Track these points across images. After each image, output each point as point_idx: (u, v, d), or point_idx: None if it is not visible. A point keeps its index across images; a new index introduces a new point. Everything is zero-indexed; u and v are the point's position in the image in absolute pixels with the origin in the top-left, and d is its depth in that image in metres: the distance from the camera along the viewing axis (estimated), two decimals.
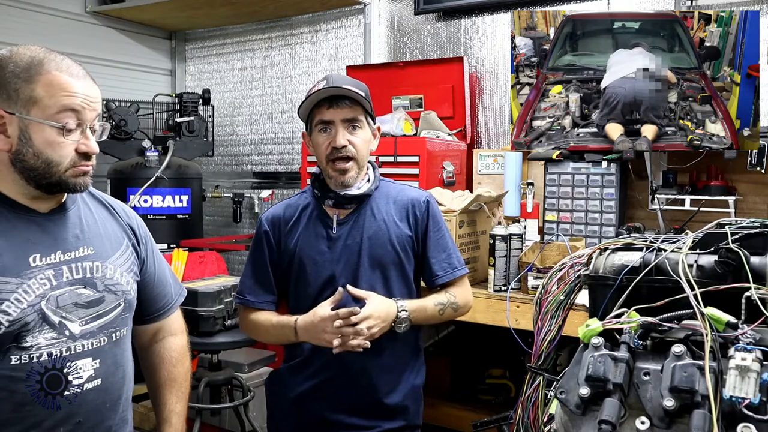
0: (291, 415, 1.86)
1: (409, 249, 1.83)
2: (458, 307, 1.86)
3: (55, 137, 1.27)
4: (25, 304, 1.26)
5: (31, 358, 1.26)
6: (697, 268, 1.12)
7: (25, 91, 1.25)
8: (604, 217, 2.70)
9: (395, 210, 1.83)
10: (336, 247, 1.79)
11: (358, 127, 1.76)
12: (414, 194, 1.87)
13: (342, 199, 1.79)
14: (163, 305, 1.60)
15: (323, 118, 1.74)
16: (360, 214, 1.81)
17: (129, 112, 3.77)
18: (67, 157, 1.29)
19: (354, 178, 1.77)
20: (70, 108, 1.27)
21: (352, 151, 1.74)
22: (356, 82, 1.78)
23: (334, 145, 1.73)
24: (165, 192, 3.67)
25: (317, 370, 1.80)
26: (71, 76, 1.28)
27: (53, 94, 1.26)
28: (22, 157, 1.27)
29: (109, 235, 1.45)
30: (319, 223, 1.82)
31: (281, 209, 1.88)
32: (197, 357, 3.14)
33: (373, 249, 1.77)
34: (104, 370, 1.36)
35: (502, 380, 3.21)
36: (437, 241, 1.85)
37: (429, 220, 1.84)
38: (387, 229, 1.80)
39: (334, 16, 3.97)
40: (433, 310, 1.80)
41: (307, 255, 1.80)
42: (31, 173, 1.28)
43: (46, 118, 1.26)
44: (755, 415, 0.89)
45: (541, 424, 1.28)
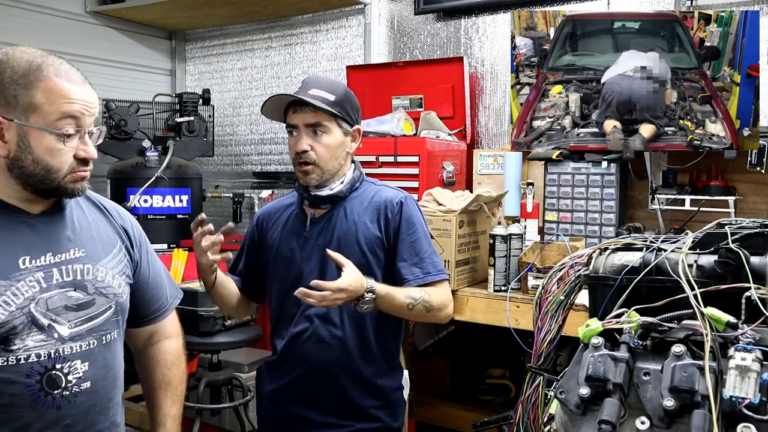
0: (270, 410, 1.90)
1: (379, 250, 1.81)
2: (431, 307, 1.78)
3: (55, 144, 1.26)
4: (13, 306, 1.25)
5: (19, 359, 1.25)
6: (697, 268, 1.12)
7: (24, 97, 1.24)
8: (604, 217, 2.70)
9: (368, 211, 1.82)
10: (307, 246, 1.82)
11: (322, 132, 1.76)
12: (389, 194, 1.85)
13: (314, 199, 1.83)
14: (157, 308, 1.59)
15: (289, 121, 1.79)
16: (333, 214, 1.83)
17: (129, 112, 3.77)
18: (66, 163, 1.28)
19: (317, 180, 1.79)
20: (70, 115, 1.26)
21: (312, 157, 1.76)
22: (331, 85, 1.79)
23: (295, 149, 1.77)
24: (165, 192, 3.66)
25: (289, 368, 1.83)
26: (70, 81, 1.27)
27: (53, 101, 1.25)
28: (20, 163, 1.26)
29: (102, 238, 1.44)
30: (298, 221, 1.87)
31: (272, 205, 1.97)
32: (197, 357, 3.14)
33: (341, 249, 1.77)
34: (94, 373, 1.35)
35: (502, 380, 3.21)
36: (410, 244, 1.80)
37: (401, 222, 1.80)
38: (356, 230, 1.80)
39: (334, 16, 3.97)
40: (401, 301, 1.74)
41: (282, 251, 1.86)
42: (30, 179, 1.27)
43: (46, 125, 1.25)
44: (755, 415, 0.89)
45: (541, 424, 1.28)
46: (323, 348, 1.79)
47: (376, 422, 1.84)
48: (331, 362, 1.78)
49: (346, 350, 1.79)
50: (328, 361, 1.78)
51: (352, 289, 1.64)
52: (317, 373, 1.80)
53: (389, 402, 1.87)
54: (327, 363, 1.79)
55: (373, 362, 1.83)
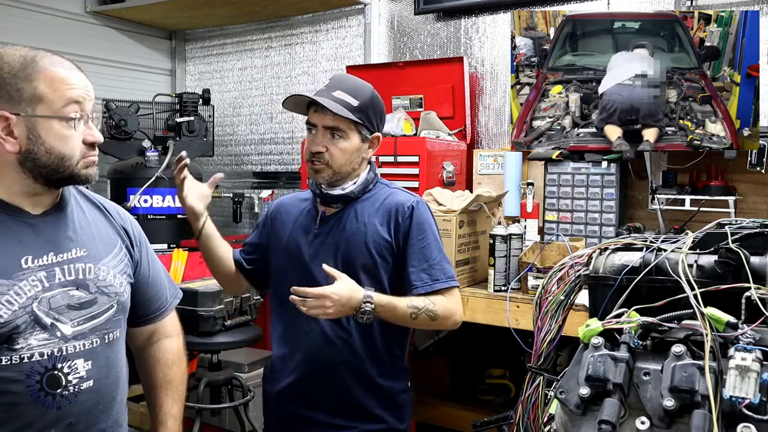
0: (275, 411, 1.89)
1: (387, 254, 1.78)
2: (436, 316, 1.73)
3: (65, 131, 1.28)
4: (16, 305, 1.25)
5: (22, 358, 1.26)
6: (697, 268, 1.12)
7: (27, 89, 1.25)
8: (604, 217, 2.70)
9: (379, 213, 1.80)
10: (315, 244, 1.81)
11: (340, 136, 1.75)
12: (401, 198, 1.82)
13: (326, 197, 1.82)
14: (157, 307, 1.59)
15: (309, 119, 1.78)
16: (344, 214, 1.82)
17: (129, 112, 3.77)
18: (77, 149, 1.30)
19: (327, 180, 1.78)
20: (74, 100, 1.29)
21: (326, 159, 1.75)
22: (357, 89, 1.78)
23: (311, 149, 1.77)
24: (165, 192, 3.66)
25: (293, 368, 1.82)
26: (65, 69, 1.30)
27: (57, 89, 1.27)
28: (33, 156, 1.27)
29: (102, 237, 1.44)
30: (310, 218, 1.86)
31: (289, 198, 1.98)
32: (197, 357, 3.14)
33: (348, 250, 1.76)
34: (96, 371, 1.35)
35: (502, 380, 3.21)
36: (419, 250, 1.77)
37: (412, 227, 1.77)
38: (365, 232, 1.78)
39: (334, 16, 3.97)
40: (404, 311, 1.71)
41: (289, 244, 1.85)
42: (44, 170, 1.28)
43: (53, 113, 1.26)
44: (755, 415, 0.89)
45: (541, 424, 1.28)
46: (329, 348, 1.77)
47: (382, 423, 1.82)
48: (337, 362, 1.77)
49: (353, 350, 1.77)
50: (335, 361, 1.77)
51: (337, 297, 1.61)
52: (323, 373, 1.78)
53: (395, 403, 1.85)
54: (333, 363, 1.77)
55: (380, 363, 1.82)
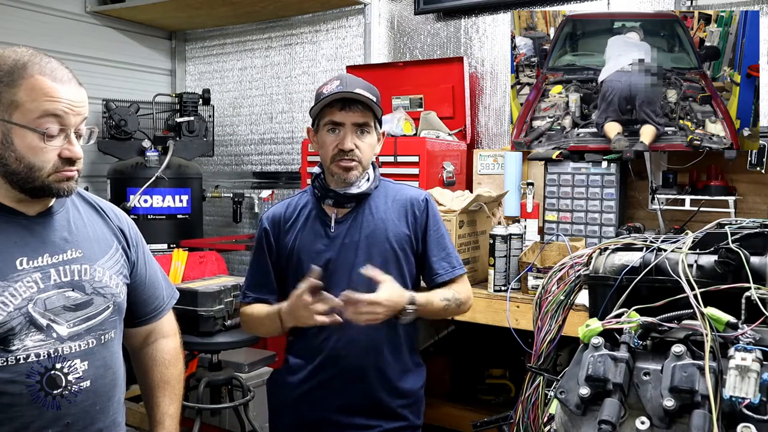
0: (291, 415, 1.87)
1: (407, 247, 1.82)
2: (461, 303, 1.84)
3: (37, 143, 1.25)
4: (11, 307, 1.25)
5: (18, 359, 1.26)
6: (697, 268, 1.12)
7: (6, 95, 1.24)
8: (604, 217, 2.70)
9: (394, 208, 1.83)
10: (334, 246, 1.80)
11: (367, 132, 1.77)
12: (413, 193, 1.88)
13: (342, 197, 1.80)
14: (154, 308, 1.59)
15: (334, 119, 1.74)
16: (358, 213, 1.82)
17: (129, 112, 3.77)
18: (49, 162, 1.27)
19: (356, 178, 1.78)
20: (52, 113, 1.25)
21: (358, 156, 1.75)
22: (369, 87, 1.78)
23: (341, 147, 1.74)
24: (165, 192, 3.66)
25: (315, 370, 1.80)
26: (55, 80, 1.26)
27: (35, 99, 1.24)
28: (4, 161, 1.26)
29: (98, 238, 1.44)
30: (318, 221, 1.83)
31: (282, 208, 1.89)
32: (197, 357, 3.14)
33: (370, 247, 1.77)
34: (93, 372, 1.35)
35: (502, 380, 3.21)
36: (437, 240, 1.85)
37: (428, 219, 1.84)
38: (385, 227, 1.80)
39: (334, 16, 3.97)
40: (439, 305, 1.78)
41: (305, 253, 1.80)
42: (14, 177, 1.27)
43: (27, 122, 1.24)
44: (755, 415, 0.89)
45: (541, 424, 1.28)
46: (354, 348, 1.77)
47: (403, 421, 1.84)
48: (361, 363, 1.77)
49: (378, 350, 1.78)
50: (359, 362, 1.77)
51: (388, 304, 1.63)
52: (346, 375, 1.78)
53: (416, 400, 1.87)
54: (357, 364, 1.77)
55: (402, 361, 1.83)
